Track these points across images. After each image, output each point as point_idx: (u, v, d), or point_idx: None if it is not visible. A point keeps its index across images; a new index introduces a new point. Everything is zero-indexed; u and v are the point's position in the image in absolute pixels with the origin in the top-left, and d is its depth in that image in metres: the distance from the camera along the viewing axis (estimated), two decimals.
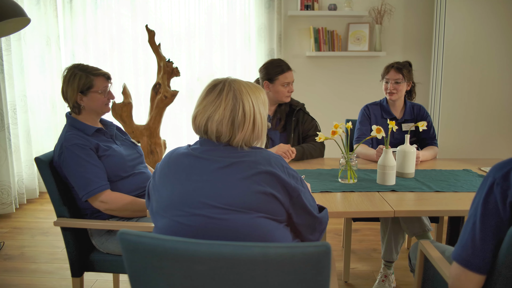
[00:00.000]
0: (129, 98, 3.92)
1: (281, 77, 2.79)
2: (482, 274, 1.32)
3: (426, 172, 2.47)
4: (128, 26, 4.59)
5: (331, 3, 4.54)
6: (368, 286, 2.82)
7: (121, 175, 2.21)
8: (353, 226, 3.77)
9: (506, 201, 1.25)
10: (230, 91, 1.44)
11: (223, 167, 1.38)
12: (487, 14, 4.18)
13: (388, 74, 2.86)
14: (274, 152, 2.61)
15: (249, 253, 1.12)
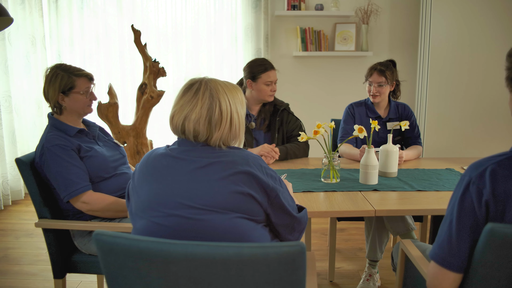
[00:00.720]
0: (115, 99, 3.90)
1: (264, 76, 2.79)
2: (459, 272, 1.32)
3: (409, 172, 2.49)
4: (114, 26, 4.57)
5: (318, 3, 4.55)
6: (353, 285, 2.82)
7: (103, 176, 2.20)
8: (339, 225, 3.78)
9: (482, 200, 1.26)
10: (206, 90, 1.44)
11: (200, 167, 1.38)
12: (472, 13, 4.21)
13: (371, 77, 2.86)
14: (257, 152, 2.63)
15: (224, 253, 1.12)
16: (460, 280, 1.34)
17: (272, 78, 2.80)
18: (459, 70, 4.32)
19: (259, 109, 2.94)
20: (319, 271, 3.02)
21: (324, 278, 2.93)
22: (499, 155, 1.31)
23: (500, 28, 4.16)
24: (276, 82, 2.84)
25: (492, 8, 4.20)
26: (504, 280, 1.26)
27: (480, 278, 1.28)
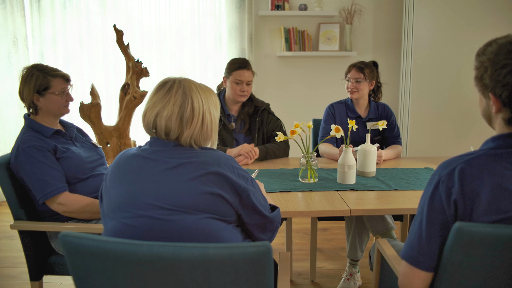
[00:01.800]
0: (97, 99, 3.88)
1: (235, 74, 2.79)
2: (429, 271, 1.33)
3: (387, 171, 2.49)
4: (97, 26, 4.55)
5: (302, 3, 4.56)
6: (335, 284, 2.83)
7: (80, 177, 2.19)
8: (322, 225, 3.79)
9: (450, 199, 1.26)
10: (179, 88, 1.45)
11: (171, 167, 1.38)
12: (455, 14, 4.24)
13: (350, 73, 2.88)
14: (237, 152, 2.63)
15: (189, 254, 1.12)
16: (431, 279, 1.34)
17: (242, 77, 2.80)
18: (441, 71, 4.34)
19: (238, 109, 2.94)
20: (301, 271, 3.02)
21: (306, 277, 2.94)
22: (468, 154, 1.32)
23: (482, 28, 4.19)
24: (248, 83, 2.82)
25: (475, 8, 4.24)
26: (473, 279, 1.27)
27: (449, 277, 1.29)
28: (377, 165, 2.63)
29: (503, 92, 1.25)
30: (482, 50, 1.34)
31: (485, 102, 1.36)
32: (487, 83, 1.29)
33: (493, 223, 1.23)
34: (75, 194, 2.12)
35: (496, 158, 1.27)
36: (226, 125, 2.86)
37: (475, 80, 1.36)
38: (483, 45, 1.35)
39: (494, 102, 1.29)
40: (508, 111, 1.28)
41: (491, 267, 1.24)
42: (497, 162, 1.26)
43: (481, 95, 1.36)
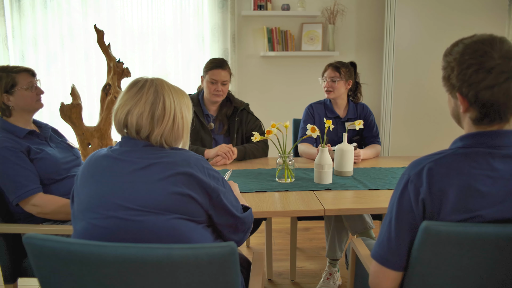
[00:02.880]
0: (78, 99, 3.84)
1: (210, 73, 2.80)
2: (399, 271, 1.33)
3: (365, 170, 2.50)
4: (79, 25, 4.50)
5: (284, 3, 4.56)
6: (315, 284, 2.84)
7: (55, 178, 2.17)
8: (304, 225, 3.79)
9: (419, 198, 1.27)
10: (151, 86, 1.46)
11: (140, 168, 1.37)
12: (436, 14, 4.26)
13: (326, 72, 2.90)
14: (215, 152, 2.62)
15: (154, 255, 1.11)
16: (401, 278, 1.35)
17: (218, 77, 2.79)
18: (423, 70, 4.36)
19: (217, 109, 2.93)
20: (282, 271, 3.02)
21: (286, 277, 2.94)
22: (437, 153, 1.33)
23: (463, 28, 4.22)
24: (224, 83, 2.82)
25: (455, 9, 4.26)
26: (442, 277, 1.28)
27: (418, 276, 1.30)
28: (355, 164, 2.64)
29: (470, 92, 1.26)
30: (449, 51, 1.35)
31: (454, 102, 1.37)
32: (454, 83, 1.30)
33: (460, 222, 1.24)
34: (49, 195, 2.10)
35: (464, 157, 1.28)
36: (204, 125, 2.86)
37: (443, 80, 1.37)
38: (450, 46, 1.37)
39: (461, 101, 1.30)
40: (475, 111, 1.29)
41: (459, 266, 1.25)
42: (465, 161, 1.27)
43: (449, 95, 1.38)
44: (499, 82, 1.21)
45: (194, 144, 2.82)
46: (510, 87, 1.21)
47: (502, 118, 1.28)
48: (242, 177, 2.34)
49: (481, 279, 1.27)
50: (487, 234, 1.21)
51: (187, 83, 4.56)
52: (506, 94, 1.22)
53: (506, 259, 1.24)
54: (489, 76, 1.22)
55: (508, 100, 1.23)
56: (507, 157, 1.26)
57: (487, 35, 1.29)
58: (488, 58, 1.22)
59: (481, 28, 4.25)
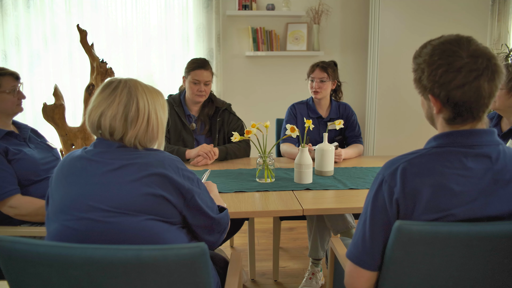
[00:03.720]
0: (61, 100, 3.82)
1: (192, 73, 2.79)
2: (373, 270, 1.33)
3: (346, 170, 2.51)
4: (62, 25, 4.46)
5: (269, 3, 4.55)
6: (298, 284, 2.83)
7: (33, 179, 2.14)
8: (289, 224, 3.80)
9: (392, 199, 1.27)
10: (125, 88, 1.44)
11: (113, 169, 1.36)
12: (420, 14, 4.28)
13: (313, 73, 2.90)
14: (196, 152, 2.62)
15: (122, 256, 1.10)
16: (376, 278, 1.35)
17: (200, 77, 2.78)
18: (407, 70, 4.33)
19: (199, 109, 2.92)
20: (265, 271, 3.02)
21: (269, 277, 2.94)
22: (411, 153, 1.33)
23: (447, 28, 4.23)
24: (206, 83, 2.81)
25: (439, 9, 4.29)
26: (415, 276, 1.28)
27: (392, 275, 1.30)
28: (336, 164, 2.64)
29: (441, 92, 1.27)
30: (418, 53, 1.36)
31: (427, 103, 1.38)
32: (425, 84, 1.31)
33: (433, 221, 1.25)
34: (27, 196, 2.08)
35: (437, 157, 1.28)
36: (186, 126, 2.85)
37: (415, 83, 1.38)
38: (419, 48, 1.38)
39: (434, 103, 1.31)
40: (448, 111, 1.30)
41: (432, 264, 1.26)
42: (438, 160, 1.27)
43: (422, 97, 1.39)
44: (469, 80, 1.22)
45: (176, 145, 2.81)
46: (480, 85, 1.22)
47: (474, 117, 1.29)
48: (222, 177, 2.33)
49: (454, 278, 1.28)
50: (459, 233, 1.22)
51: (172, 83, 4.54)
52: (476, 93, 1.23)
53: (478, 257, 1.25)
54: (459, 75, 1.22)
55: (479, 98, 1.24)
56: (479, 156, 1.27)
57: (454, 35, 1.30)
58: (457, 57, 1.23)
59: (464, 27, 4.28)
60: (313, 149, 2.50)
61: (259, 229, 3.74)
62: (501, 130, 2.45)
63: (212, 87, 4.51)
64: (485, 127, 1.33)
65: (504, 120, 2.45)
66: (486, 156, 1.27)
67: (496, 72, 1.24)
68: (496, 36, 4.51)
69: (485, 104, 1.27)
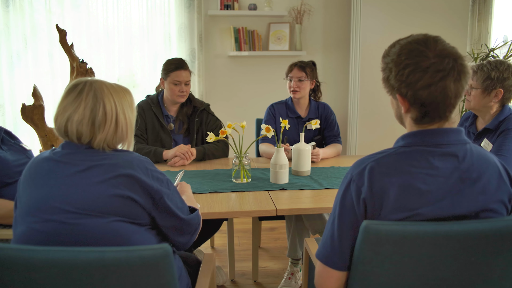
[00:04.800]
0: (40, 100, 3.78)
1: (172, 75, 2.77)
2: (342, 270, 1.33)
3: (323, 170, 2.51)
4: (42, 25, 4.42)
5: (251, 3, 4.55)
6: (278, 284, 2.83)
7: (6, 181, 2.11)
8: (270, 224, 3.79)
9: (360, 198, 1.27)
10: (90, 91, 1.41)
11: (81, 170, 1.35)
12: (401, 14, 4.31)
13: (292, 72, 2.90)
14: (173, 152, 2.60)
15: (85, 258, 1.09)
16: (345, 278, 1.35)
17: (181, 78, 2.77)
18: None
19: (177, 110, 2.91)
20: (245, 271, 3.01)
21: (249, 278, 2.93)
22: (379, 153, 1.33)
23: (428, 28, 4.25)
24: (187, 83, 2.81)
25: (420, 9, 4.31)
26: (384, 276, 1.28)
27: (361, 275, 1.30)
28: (314, 163, 2.64)
29: (408, 92, 1.27)
30: (386, 52, 1.36)
31: (395, 103, 1.38)
32: (393, 84, 1.31)
33: (400, 221, 1.25)
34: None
35: (405, 156, 1.29)
36: (164, 126, 2.83)
37: (383, 82, 1.38)
38: (388, 47, 1.38)
39: (401, 102, 1.31)
40: (415, 110, 1.30)
41: (400, 264, 1.26)
42: (406, 160, 1.27)
43: (391, 96, 1.38)
44: (435, 80, 1.22)
45: (154, 145, 2.79)
46: (446, 85, 1.22)
47: (441, 116, 1.29)
48: (199, 178, 2.32)
49: (423, 277, 1.28)
50: (426, 232, 1.22)
51: (154, 83, 4.51)
52: (443, 93, 1.23)
53: (446, 256, 1.25)
54: (426, 75, 1.23)
55: (446, 98, 1.24)
56: (446, 155, 1.27)
57: (422, 35, 1.31)
58: (423, 57, 1.23)
59: (445, 28, 4.31)
60: (290, 149, 2.49)
61: (241, 229, 3.74)
62: (476, 129, 2.47)
63: (195, 87, 4.53)
64: (454, 126, 1.33)
65: (479, 120, 2.47)
66: (453, 155, 1.27)
67: (462, 73, 1.25)
68: (477, 36, 4.54)
69: (452, 104, 1.27)
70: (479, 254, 1.25)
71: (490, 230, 1.23)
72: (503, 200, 1.30)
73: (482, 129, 2.39)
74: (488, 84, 2.26)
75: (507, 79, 2.25)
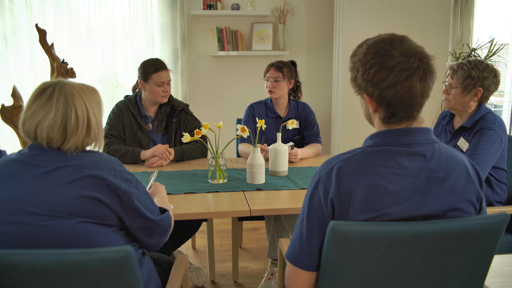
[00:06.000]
0: (19, 101, 3.74)
1: (155, 76, 2.74)
2: (311, 271, 1.33)
3: (301, 170, 2.50)
4: (23, 25, 4.38)
5: (234, 3, 4.54)
6: (258, 284, 2.82)
7: None
8: (252, 225, 3.79)
9: (328, 198, 1.27)
10: (61, 95, 1.39)
11: (47, 172, 1.33)
12: (384, 14, 4.32)
13: (268, 73, 2.90)
14: (151, 153, 2.59)
15: (45, 261, 1.08)
16: (314, 278, 1.35)
17: (164, 78, 2.76)
18: None
19: (155, 110, 2.89)
20: (225, 272, 3.00)
21: (229, 278, 2.92)
22: (348, 153, 1.33)
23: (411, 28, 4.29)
24: (169, 82, 2.80)
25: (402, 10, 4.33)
26: (352, 276, 1.28)
27: (330, 276, 1.30)
28: (293, 163, 2.64)
29: (375, 91, 1.27)
30: (355, 51, 1.36)
31: (364, 103, 1.38)
32: (360, 83, 1.31)
33: (368, 221, 1.24)
34: None
35: (372, 156, 1.28)
36: (142, 127, 2.81)
37: (351, 82, 1.38)
38: (356, 46, 1.37)
39: (369, 102, 1.31)
40: (382, 110, 1.30)
41: (368, 264, 1.26)
42: (373, 160, 1.27)
43: (359, 96, 1.38)
44: (400, 80, 1.22)
45: (132, 146, 2.77)
46: (412, 84, 1.22)
47: (409, 116, 1.29)
48: (175, 179, 2.31)
49: (392, 277, 1.28)
50: (393, 232, 1.22)
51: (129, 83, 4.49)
52: (408, 92, 1.23)
53: (414, 256, 1.25)
54: (391, 74, 1.22)
55: (412, 97, 1.24)
56: (414, 155, 1.27)
57: (389, 35, 1.30)
58: (389, 57, 1.23)
59: (427, 28, 4.33)
60: (268, 149, 2.49)
61: (223, 229, 3.73)
62: (453, 127, 2.48)
63: (178, 87, 4.51)
64: (422, 126, 1.33)
65: (457, 118, 2.48)
66: (421, 155, 1.27)
67: (428, 72, 1.25)
68: (459, 36, 4.57)
69: (418, 104, 1.27)
70: (448, 253, 1.25)
71: (457, 230, 1.23)
72: (471, 199, 1.30)
73: (459, 128, 2.40)
74: (469, 83, 2.28)
75: (486, 78, 2.26)
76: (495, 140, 2.24)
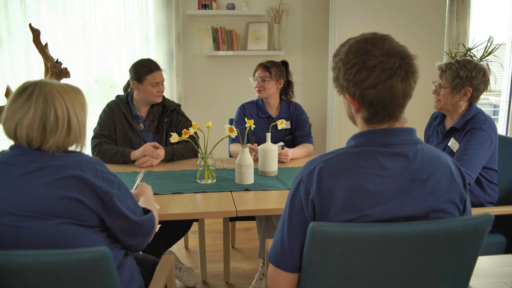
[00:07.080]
0: None
1: (149, 77, 2.74)
2: (293, 272, 1.32)
3: (291, 170, 2.49)
4: (18, 25, 4.38)
5: (229, 3, 4.53)
6: (249, 285, 2.81)
7: None
8: (245, 225, 3.78)
9: (308, 199, 1.26)
10: (40, 95, 1.38)
11: (28, 172, 1.33)
12: (379, 14, 4.31)
13: (257, 72, 2.90)
14: (141, 152, 2.58)
15: (20, 262, 1.07)
16: (296, 279, 1.34)
17: (158, 79, 2.76)
18: None
19: (147, 110, 2.88)
20: (217, 272, 3.00)
21: (221, 279, 2.92)
22: (330, 153, 1.32)
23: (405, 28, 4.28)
24: (163, 82, 2.80)
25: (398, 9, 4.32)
26: (333, 278, 1.27)
27: (311, 277, 1.29)
28: (284, 164, 2.63)
29: (356, 91, 1.25)
30: (337, 51, 1.35)
31: (347, 103, 1.37)
32: (342, 83, 1.30)
33: (348, 222, 1.23)
34: None
35: (354, 157, 1.27)
36: (133, 127, 2.81)
37: (333, 82, 1.37)
38: (339, 46, 1.36)
39: (351, 102, 1.30)
40: (365, 110, 1.29)
41: (349, 266, 1.25)
42: (355, 160, 1.26)
43: (342, 96, 1.37)
44: (382, 80, 1.21)
45: (123, 146, 2.77)
46: (393, 84, 1.21)
47: (391, 116, 1.28)
48: (164, 179, 2.30)
49: (374, 278, 1.27)
50: (374, 233, 1.20)
51: None
52: (390, 92, 1.22)
53: (395, 258, 1.24)
54: (372, 74, 1.21)
55: (393, 97, 1.23)
56: (396, 155, 1.26)
57: (370, 34, 1.29)
58: (370, 56, 1.22)
59: (423, 27, 4.32)
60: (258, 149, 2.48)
61: (216, 230, 3.72)
62: (445, 128, 2.47)
63: (173, 87, 4.50)
64: (406, 126, 1.32)
65: (448, 119, 2.47)
66: (403, 155, 1.26)
67: (410, 72, 1.23)
68: (455, 36, 4.56)
69: (400, 104, 1.26)
70: (431, 255, 1.24)
71: (440, 231, 1.22)
72: (454, 200, 1.29)
73: (449, 128, 2.39)
74: (457, 83, 2.27)
75: (475, 77, 2.25)
76: (485, 141, 2.23)
